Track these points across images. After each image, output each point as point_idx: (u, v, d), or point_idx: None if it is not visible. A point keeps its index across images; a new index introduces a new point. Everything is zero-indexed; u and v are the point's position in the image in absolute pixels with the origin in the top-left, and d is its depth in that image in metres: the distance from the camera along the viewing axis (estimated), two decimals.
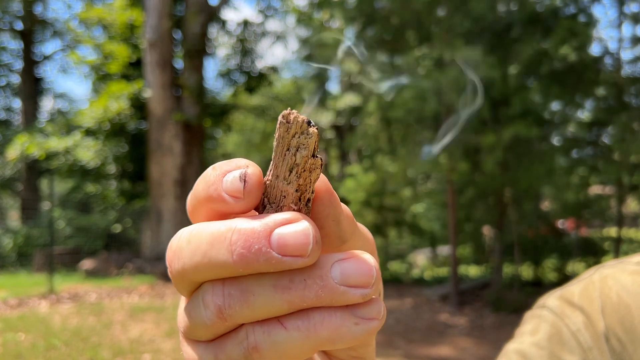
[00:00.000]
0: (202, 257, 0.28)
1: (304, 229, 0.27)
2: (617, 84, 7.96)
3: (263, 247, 0.27)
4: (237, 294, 0.28)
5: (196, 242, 0.28)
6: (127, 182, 14.43)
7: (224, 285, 0.28)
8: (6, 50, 19.30)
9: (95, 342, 5.39)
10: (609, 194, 9.38)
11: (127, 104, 12.76)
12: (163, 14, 11.76)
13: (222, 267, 0.27)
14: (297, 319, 0.28)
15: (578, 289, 0.71)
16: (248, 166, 0.29)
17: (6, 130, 18.12)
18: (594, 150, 8.61)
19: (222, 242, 0.27)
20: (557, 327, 0.68)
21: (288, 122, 0.29)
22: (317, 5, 9.41)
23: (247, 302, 0.28)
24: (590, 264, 9.02)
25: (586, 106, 8.62)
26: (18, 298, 7.84)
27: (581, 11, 7.78)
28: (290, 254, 0.27)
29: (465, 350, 5.55)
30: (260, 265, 0.27)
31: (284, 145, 0.30)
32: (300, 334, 0.27)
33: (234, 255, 0.27)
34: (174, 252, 0.30)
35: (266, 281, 0.28)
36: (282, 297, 0.27)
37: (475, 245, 10.33)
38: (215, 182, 0.29)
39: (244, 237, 0.27)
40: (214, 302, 0.28)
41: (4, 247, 12.23)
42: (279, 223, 0.27)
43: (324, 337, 0.27)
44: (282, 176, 0.30)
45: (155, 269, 10.35)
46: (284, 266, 0.27)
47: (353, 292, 0.28)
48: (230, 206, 0.29)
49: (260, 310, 0.28)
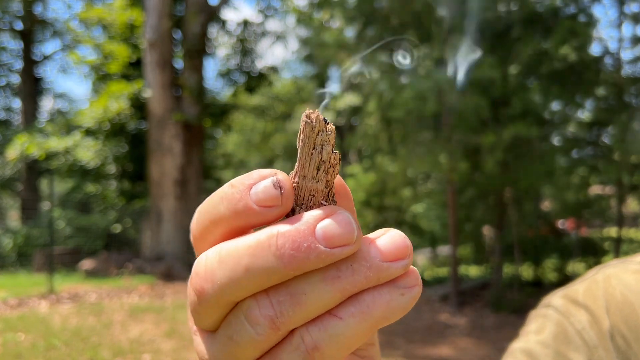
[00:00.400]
0: (245, 271, 0.28)
1: (346, 219, 0.28)
2: (617, 84, 7.96)
3: (312, 244, 0.27)
4: (287, 299, 0.28)
5: (233, 258, 0.28)
6: (127, 182, 14.43)
7: (269, 295, 0.28)
8: (6, 50, 19.31)
9: (95, 342, 5.39)
10: (609, 194, 9.38)
11: (127, 104, 12.76)
12: (163, 14, 11.76)
13: (269, 275, 0.27)
14: (350, 306, 0.28)
15: (582, 288, 0.71)
16: (276, 173, 0.30)
17: (6, 130, 18.12)
18: (594, 150, 8.61)
19: (267, 249, 0.27)
20: (562, 326, 0.68)
21: (312, 122, 0.30)
22: (317, 5, 9.41)
23: (300, 304, 0.28)
24: (591, 264, 9.01)
25: (586, 106, 8.62)
26: (18, 298, 7.83)
27: (581, 11, 7.77)
28: (338, 245, 0.27)
29: (465, 351, 5.55)
30: (312, 262, 0.27)
31: (310, 144, 0.30)
32: (356, 319, 0.28)
33: (283, 259, 0.27)
34: (204, 276, 0.29)
35: (314, 277, 0.28)
36: (333, 288, 0.28)
37: (475, 245, 10.33)
38: (242, 198, 0.29)
39: (291, 238, 0.27)
40: (263, 314, 0.28)
41: (4, 247, 12.23)
42: (319, 218, 0.28)
43: (379, 315, 0.28)
44: (310, 175, 0.30)
45: (155, 269, 10.35)
46: (333, 258, 0.28)
47: (395, 265, 0.29)
48: (264, 217, 0.29)
49: (314, 307, 0.28)
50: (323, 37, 8.94)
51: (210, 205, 0.31)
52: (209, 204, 0.31)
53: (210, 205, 0.31)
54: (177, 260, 11.09)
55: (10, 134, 16.32)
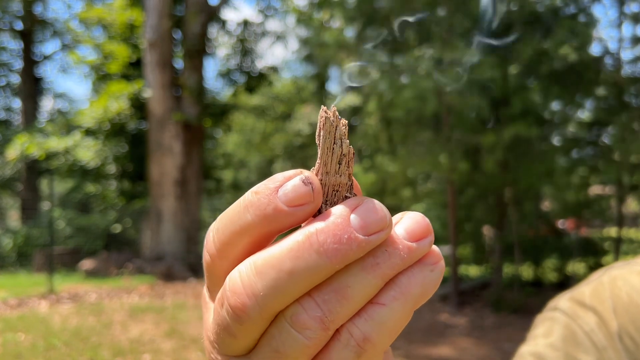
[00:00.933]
0: (289, 275, 0.28)
1: (376, 205, 0.29)
2: (617, 84, 7.95)
3: (351, 235, 0.28)
4: (332, 296, 0.28)
5: (273, 266, 0.28)
6: (127, 182, 14.43)
7: (313, 296, 0.28)
8: (6, 50, 19.30)
9: (95, 342, 5.39)
10: (609, 194, 9.38)
11: (127, 104, 12.75)
12: (163, 14, 11.76)
13: (315, 274, 0.28)
14: (390, 291, 0.29)
15: (588, 290, 0.71)
16: (302, 172, 0.30)
17: (6, 130, 18.11)
18: (594, 150, 8.60)
19: (309, 248, 0.28)
20: (570, 329, 0.68)
21: (331, 118, 0.31)
22: (317, 5, 9.41)
23: (346, 297, 0.28)
24: (591, 264, 9.01)
25: (586, 106, 8.62)
26: (18, 298, 7.83)
27: (581, 11, 7.77)
28: (375, 231, 0.28)
29: (465, 351, 5.55)
30: (354, 252, 0.28)
31: (331, 139, 0.31)
32: (399, 302, 0.29)
33: (328, 254, 0.27)
34: (244, 292, 0.28)
35: (354, 269, 0.29)
36: (375, 275, 0.29)
37: (475, 245, 10.33)
38: (270, 201, 0.29)
39: (331, 233, 0.28)
40: (311, 316, 0.28)
41: (4, 247, 12.23)
42: (352, 209, 0.29)
43: (417, 294, 0.29)
44: (333, 170, 0.31)
45: (155, 269, 10.35)
46: (372, 245, 0.28)
47: (423, 243, 0.30)
48: (296, 217, 0.29)
49: (359, 298, 0.28)
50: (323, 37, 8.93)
51: (233, 216, 0.30)
52: (230, 217, 0.31)
53: (232, 217, 0.30)
54: (177, 260, 11.09)
55: (10, 134, 16.32)
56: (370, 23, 8.06)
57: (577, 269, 8.93)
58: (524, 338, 0.80)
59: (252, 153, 17.93)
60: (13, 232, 13.28)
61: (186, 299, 8.03)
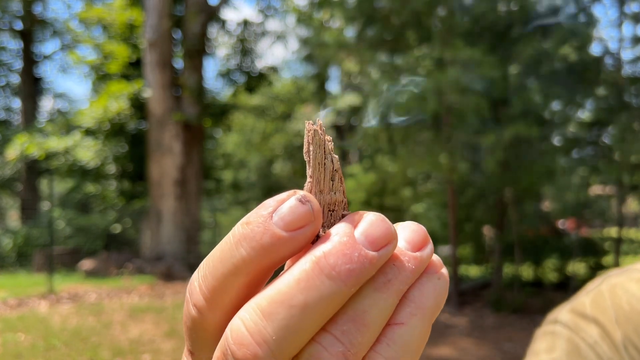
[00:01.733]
0: (303, 310, 0.25)
1: (379, 218, 0.27)
2: (617, 83, 7.95)
3: (361, 252, 0.26)
4: (350, 326, 0.26)
5: (282, 304, 0.25)
6: (126, 182, 14.42)
7: (329, 331, 0.26)
8: (6, 50, 19.29)
9: (95, 343, 5.39)
10: (610, 194, 9.38)
11: (127, 104, 12.75)
12: (163, 14, 11.76)
13: (331, 302, 0.25)
14: (405, 308, 0.28)
15: (588, 300, 0.70)
16: (296, 191, 0.28)
17: (6, 130, 18.10)
18: (595, 150, 8.60)
19: (320, 275, 0.25)
20: (573, 342, 0.66)
21: (319, 132, 0.29)
22: (317, 5, 9.40)
23: (365, 324, 0.26)
24: (591, 264, 9.01)
25: (586, 106, 8.61)
26: (18, 298, 7.83)
27: (581, 11, 7.77)
28: (383, 245, 0.27)
29: (466, 351, 5.55)
30: (367, 270, 0.26)
31: (322, 154, 0.29)
32: (417, 317, 0.28)
33: (341, 276, 0.25)
34: (253, 340, 0.25)
35: (367, 291, 0.27)
36: (390, 293, 0.27)
37: (475, 245, 10.32)
38: (266, 229, 0.26)
39: (340, 253, 0.26)
40: (333, 353, 0.25)
41: (4, 247, 12.23)
42: (354, 225, 0.27)
43: (432, 305, 0.28)
44: (327, 188, 0.29)
45: (155, 269, 10.35)
46: (383, 260, 0.27)
47: (426, 252, 0.29)
48: (297, 242, 0.26)
49: (378, 321, 0.26)
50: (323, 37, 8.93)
51: (223, 256, 0.27)
52: (219, 257, 0.27)
53: (222, 257, 0.27)
54: (177, 260, 11.09)
55: (10, 134, 16.31)
56: (370, 23, 8.05)
57: (578, 269, 8.93)
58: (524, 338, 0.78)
59: (252, 153, 17.92)
60: (13, 232, 13.27)
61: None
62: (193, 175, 12.07)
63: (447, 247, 8.36)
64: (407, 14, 7.44)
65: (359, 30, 8.41)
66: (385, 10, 7.87)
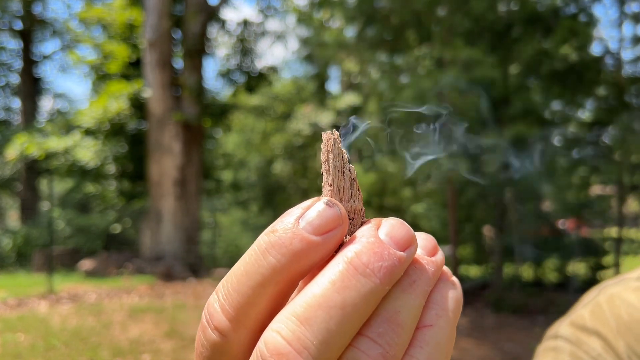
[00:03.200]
0: (342, 310, 0.25)
1: (399, 221, 0.29)
2: (617, 83, 7.95)
3: (390, 250, 0.27)
4: (386, 327, 0.26)
5: (320, 306, 0.25)
6: (126, 182, 14.42)
7: (365, 334, 0.26)
8: (6, 50, 19.29)
9: (95, 343, 5.38)
10: (610, 194, 9.37)
11: (127, 104, 12.75)
12: (163, 14, 11.75)
13: (369, 300, 0.25)
14: (430, 311, 0.28)
15: (587, 312, 0.69)
16: (320, 198, 0.28)
17: (5, 130, 18.10)
18: (595, 150, 8.59)
19: (355, 274, 0.25)
20: (577, 356, 0.65)
21: (336, 142, 0.30)
22: (317, 5, 9.40)
23: (399, 324, 0.26)
24: (591, 265, 9.00)
25: (587, 106, 8.61)
26: (17, 298, 7.82)
27: (582, 11, 7.76)
28: (407, 246, 0.28)
29: (466, 351, 5.54)
30: (398, 268, 0.27)
31: (341, 164, 0.29)
32: (443, 319, 0.28)
33: (376, 273, 0.26)
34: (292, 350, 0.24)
35: (396, 293, 0.27)
36: (417, 294, 0.28)
37: (475, 245, 10.32)
38: (294, 234, 0.26)
39: (372, 252, 0.26)
40: (373, 356, 0.25)
41: (4, 247, 12.22)
42: (376, 227, 0.28)
43: (455, 309, 0.29)
44: (347, 196, 0.29)
45: (155, 269, 10.34)
46: (409, 260, 0.28)
47: (440, 257, 0.30)
48: (327, 246, 0.27)
49: (410, 322, 0.27)
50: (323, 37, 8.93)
51: (249, 269, 0.26)
52: (245, 270, 0.27)
53: (248, 270, 0.26)
54: (176, 260, 11.08)
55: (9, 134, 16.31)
56: (370, 23, 8.05)
57: (578, 269, 8.93)
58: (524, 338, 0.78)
59: (252, 153, 17.91)
60: (13, 232, 13.27)
61: (186, 299, 8.02)
62: (193, 175, 12.07)
63: (447, 247, 8.35)
64: (407, 14, 7.44)
65: (359, 30, 8.41)
66: (385, 10, 7.86)
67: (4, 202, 20.40)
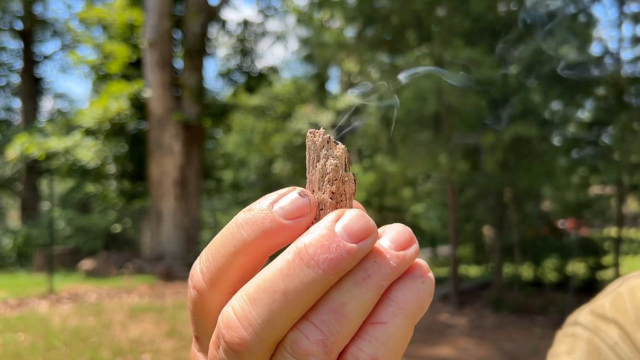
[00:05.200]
0: (284, 296, 0.27)
1: (358, 213, 0.29)
2: (617, 84, 7.95)
3: (340, 243, 0.27)
4: (330, 316, 0.27)
5: (266, 290, 0.27)
6: (127, 182, 14.43)
7: (310, 319, 0.28)
8: (6, 50, 19.29)
9: (95, 343, 5.39)
10: (609, 194, 9.37)
11: (127, 104, 12.75)
12: (163, 14, 11.76)
13: (311, 290, 0.27)
14: (388, 308, 0.29)
15: (607, 302, 0.70)
16: (295, 188, 0.30)
17: (6, 130, 18.11)
18: (594, 150, 8.59)
19: (300, 264, 0.27)
20: (594, 344, 0.66)
21: (314, 137, 0.32)
22: (317, 5, 9.40)
23: (345, 315, 0.27)
24: (591, 264, 9.00)
25: (586, 106, 8.61)
26: (18, 298, 7.83)
27: (581, 11, 7.77)
28: (362, 238, 0.28)
29: (466, 351, 5.55)
30: (345, 260, 0.27)
31: (314, 157, 0.32)
32: (399, 318, 0.29)
33: (320, 265, 0.27)
34: (240, 324, 0.27)
35: (347, 285, 0.28)
36: (369, 288, 0.28)
37: (475, 245, 10.33)
38: (267, 216, 0.29)
39: (319, 244, 0.27)
40: (313, 341, 0.27)
41: (4, 247, 12.23)
42: (335, 219, 0.29)
43: (415, 307, 0.29)
44: (317, 187, 0.32)
45: (155, 269, 10.35)
46: (362, 252, 0.28)
47: (410, 252, 0.30)
48: (294, 230, 0.29)
49: (357, 315, 0.28)
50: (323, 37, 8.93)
51: (225, 240, 0.30)
52: (221, 241, 0.30)
53: (224, 241, 0.30)
54: (177, 260, 11.09)
55: (10, 134, 16.31)
56: (370, 23, 8.06)
57: (577, 269, 8.93)
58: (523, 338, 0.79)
59: (252, 153, 17.92)
60: (13, 232, 13.27)
61: (186, 298, 8.02)
62: (193, 175, 12.08)
63: (447, 247, 8.36)
64: (407, 14, 7.44)
65: (359, 30, 8.41)
66: (385, 10, 7.87)
67: (5, 202, 20.41)
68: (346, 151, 0.33)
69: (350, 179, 0.32)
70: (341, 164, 0.32)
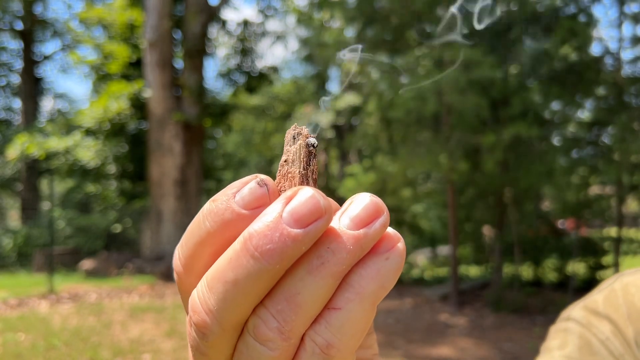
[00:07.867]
0: (234, 286, 0.27)
1: (308, 194, 0.28)
2: (617, 83, 7.95)
3: (284, 231, 0.27)
4: (284, 305, 0.27)
5: (219, 279, 0.28)
6: (127, 182, 14.43)
7: (267, 307, 0.28)
8: (6, 50, 19.29)
9: (95, 342, 5.39)
10: (609, 194, 9.37)
11: (127, 104, 12.76)
12: (163, 14, 11.76)
13: (259, 280, 0.27)
14: (344, 292, 0.28)
15: (601, 298, 0.71)
16: (257, 176, 0.30)
17: (6, 130, 18.11)
18: (594, 150, 8.59)
19: (246, 255, 0.27)
20: (585, 338, 0.67)
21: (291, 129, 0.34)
22: (317, 5, 9.41)
23: (298, 304, 0.27)
24: (591, 264, 9.01)
25: (586, 106, 8.61)
26: (18, 298, 7.83)
27: (581, 11, 7.77)
28: (310, 221, 0.27)
29: (465, 351, 5.55)
30: (291, 248, 0.26)
31: (288, 138, 0.34)
32: (354, 303, 0.28)
33: (264, 256, 0.26)
34: (202, 309, 0.28)
35: (300, 273, 0.28)
36: (322, 276, 0.27)
37: (475, 245, 10.33)
38: (227, 206, 0.29)
39: (262, 234, 0.27)
40: (270, 328, 0.27)
41: (4, 247, 12.23)
42: (284, 204, 0.28)
43: (374, 288, 0.28)
44: (290, 159, 0.32)
45: (155, 269, 10.35)
46: (311, 237, 0.27)
47: (373, 228, 0.28)
48: (253, 219, 0.28)
49: (313, 303, 0.27)
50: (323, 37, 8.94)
51: (194, 228, 0.30)
52: (191, 229, 0.30)
53: (193, 229, 0.30)
54: None
55: (10, 133, 16.31)
56: (370, 23, 8.06)
57: (577, 269, 8.93)
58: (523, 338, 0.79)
59: (252, 153, 17.92)
60: (13, 232, 13.27)
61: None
62: (193, 175, 12.08)
63: (447, 247, 8.36)
64: (407, 14, 7.44)
65: (359, 31, 8.42)
66: (385, 11, 7.87)
67: (5, 202, 20.41)
68: (307, 130, 0.34)
69: (317, 151, 0.33)
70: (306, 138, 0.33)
